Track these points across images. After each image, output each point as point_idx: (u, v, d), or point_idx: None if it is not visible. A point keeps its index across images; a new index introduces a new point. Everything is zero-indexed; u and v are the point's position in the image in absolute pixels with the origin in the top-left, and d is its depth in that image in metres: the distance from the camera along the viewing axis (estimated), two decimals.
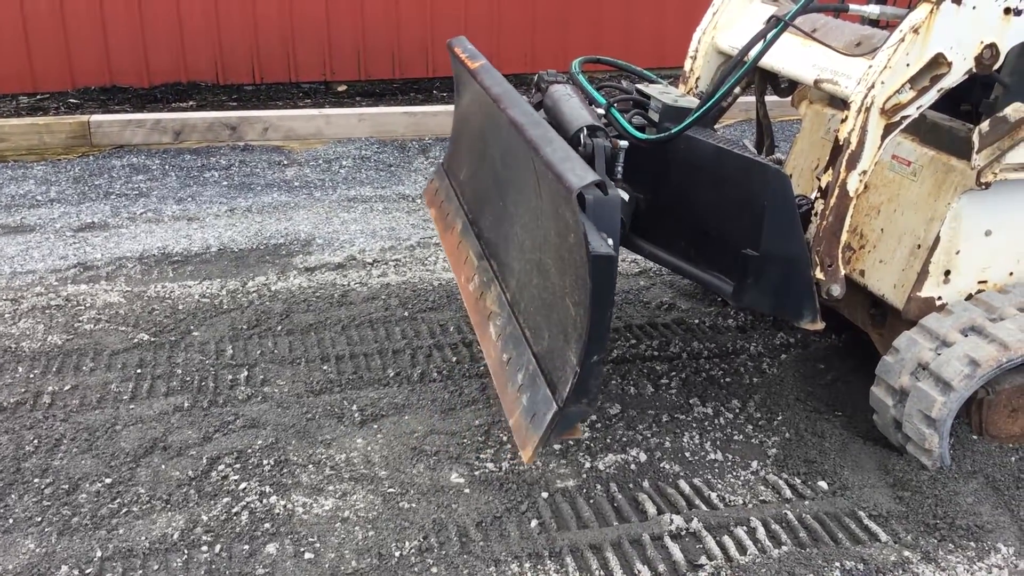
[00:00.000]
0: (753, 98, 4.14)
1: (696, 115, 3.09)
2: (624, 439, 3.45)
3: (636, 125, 3.27)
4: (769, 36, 3.06)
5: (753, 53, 3.08)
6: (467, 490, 3.17)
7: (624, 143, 3.07)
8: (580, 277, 2.44)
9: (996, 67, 3.00)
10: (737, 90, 3.53)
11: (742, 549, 2.91)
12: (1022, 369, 3.20)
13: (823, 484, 3.23)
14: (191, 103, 7.66)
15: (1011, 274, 3.39)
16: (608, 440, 3.44)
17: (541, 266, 2.87)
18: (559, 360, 2.64)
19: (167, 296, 4.53)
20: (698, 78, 3.99)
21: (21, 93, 7.61)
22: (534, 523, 3.01)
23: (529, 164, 2.87)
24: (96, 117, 7.03)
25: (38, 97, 7.59)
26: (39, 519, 2.99)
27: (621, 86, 3.61)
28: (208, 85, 7.97)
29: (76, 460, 3.28)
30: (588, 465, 3.30)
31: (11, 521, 2.98)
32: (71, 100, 7.56)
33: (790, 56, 3.44)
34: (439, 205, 4.18)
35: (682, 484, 3.21)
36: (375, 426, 3.52)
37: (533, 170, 2.81)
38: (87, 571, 2.78)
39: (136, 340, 4.10)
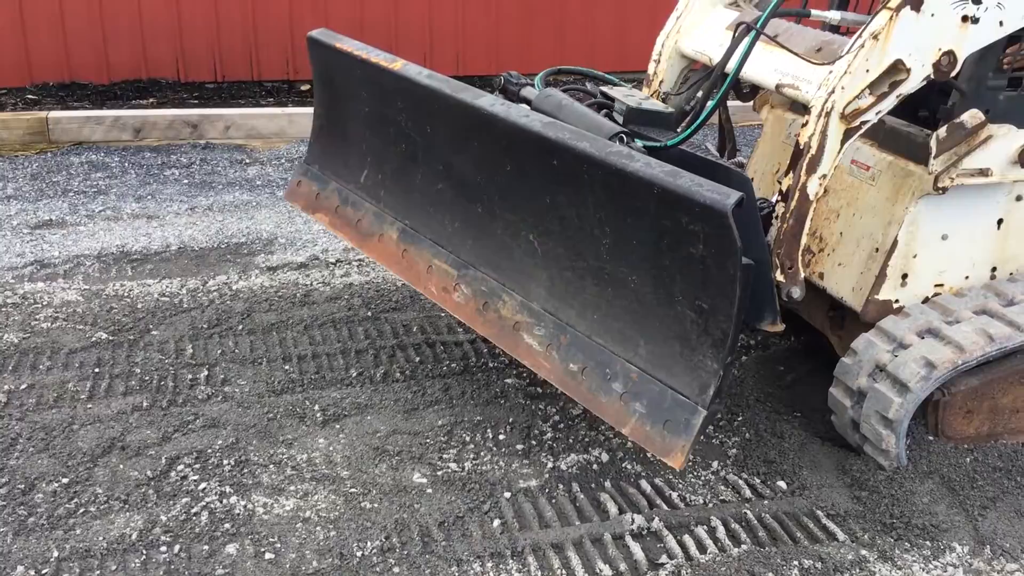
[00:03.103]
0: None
1: (693, 128, 3.14)
2: (586, 439, 3.47)
3: None
4: (745, 43, 3.10)
5: (734, 63, 3.12)
6: (429, 490, 3.17)
7: (640, 144, 3.10)
8: (717, 286, 2.56)
9: (954, 74, 3.05)
10: (699, 94, 3.56)
11: (702, 548, 2.94)
12: (977, 371, 3.25)
13: (782, 484, 3.27)
14: (151, 100, 7.58)
15: (967, 278, 3.44)
16: (571, 440, 3.46)
17: (604, 274, 2.90)
18: (678, 366, 2.71)
19: (126, 295, 4.48)
20: (661, 81, 4.02)
21: None
22: (496, 523, 3.02)
23: (565, 174, 2.88)
24: (54, 113, 6.94)
25: None
26: None
27: (585, 88, 3.62)
28: (169, 82, 7.89)
29: (32, 460, 3.23)
30: (551, 465, 3.31)
31: None
32: (29, 96, 7.45)
33: (753, 61, 3.47)
34: (334, 210, 3.92)
35: (643, 484, 3.23)
36: (337, 426, 3.50)
37: (582, 179, 2.82)
38: (43, 571, 2.74)
39: (94, 339, 4.04)
